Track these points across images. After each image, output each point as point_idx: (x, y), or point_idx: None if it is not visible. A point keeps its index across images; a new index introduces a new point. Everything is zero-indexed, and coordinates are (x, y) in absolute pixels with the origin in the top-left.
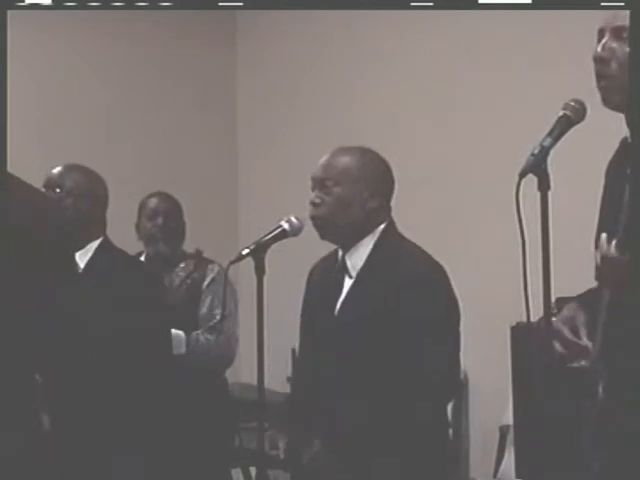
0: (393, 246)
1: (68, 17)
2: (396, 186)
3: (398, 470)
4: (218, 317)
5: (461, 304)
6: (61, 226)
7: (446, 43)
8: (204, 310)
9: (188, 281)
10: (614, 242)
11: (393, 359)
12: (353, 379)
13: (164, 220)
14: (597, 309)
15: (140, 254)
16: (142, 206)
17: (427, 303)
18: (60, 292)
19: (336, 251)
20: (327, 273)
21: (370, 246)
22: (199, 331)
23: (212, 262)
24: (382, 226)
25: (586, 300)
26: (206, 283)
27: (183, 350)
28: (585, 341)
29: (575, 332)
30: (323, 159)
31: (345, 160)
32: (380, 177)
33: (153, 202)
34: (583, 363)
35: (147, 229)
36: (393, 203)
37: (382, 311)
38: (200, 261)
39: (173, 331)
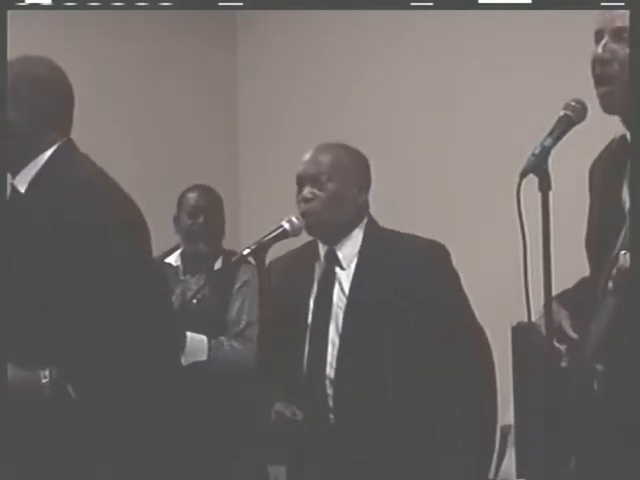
0: (382, 235)
1: (68, 17)
2: (396, 186)
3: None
4: (250, 320)
5: None
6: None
7: (446, 43)
8: (232, 314)
9: (220, 281)
10: (626, 254)
11: (418, 342)
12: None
13: (205, 218)
14: (579, 306)
15: (176, 248)
16: (182, 200)
17: (440, 280)
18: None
19: (307, 246)
20: (303, 268)
21: (360, 237)
22: (224, 337)
23: (247, 264)
24: (366, 219)
25: (564, 298)
26: (237, 286)
27: (204, 357)
28: (570, 334)
29: (558, 328)
30: (310, 156)
31: (334, 156)
32: (365, 172)
33: (194, 198)
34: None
35: (187, 226)
36: (393, 203)
37: (395, 295)
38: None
39: (196, 336)
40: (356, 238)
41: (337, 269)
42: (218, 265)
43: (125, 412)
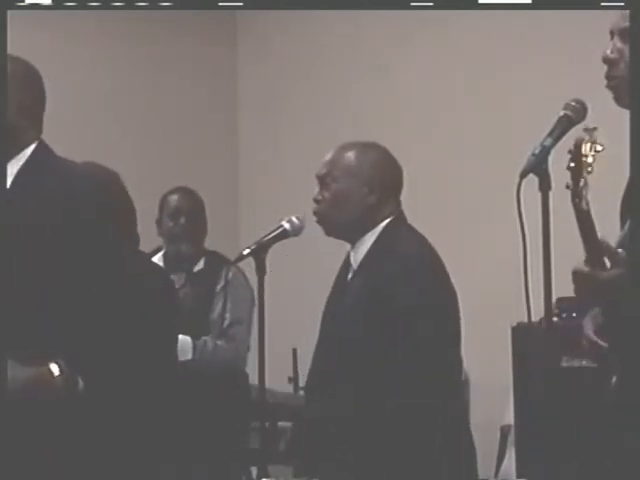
0: (391, 240)
1: (68, 17)
2: None
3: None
4: (232, 319)
5: (462, 304)
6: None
7: (446, 43)
8: (215, 314)
9: (202, 282)
10: (584, 258)
11: (382, 351)
12: (344, 371)
13: (187, 219)
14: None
15: (158, 250)
16: (163, 203)
17: (409, 295)
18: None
19: None
20: (341, 268)
21: (372, 241)
22: (208, 337)
23: (232, 264)
24: (386, 221)
25: None
26: (220, 286)
27: (189, 356)
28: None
29: (598, 331)
30: (326, 156)
31: (344, 156)
32: (380, 172)
33: (175, 200)
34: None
35: (169, 228)
36: None
37: (369, 303)
38: (217, 261)
39: (180, 336)
40: (368, 241)
41: (350, 271)
42: (200, 266)
43: (129, 407)
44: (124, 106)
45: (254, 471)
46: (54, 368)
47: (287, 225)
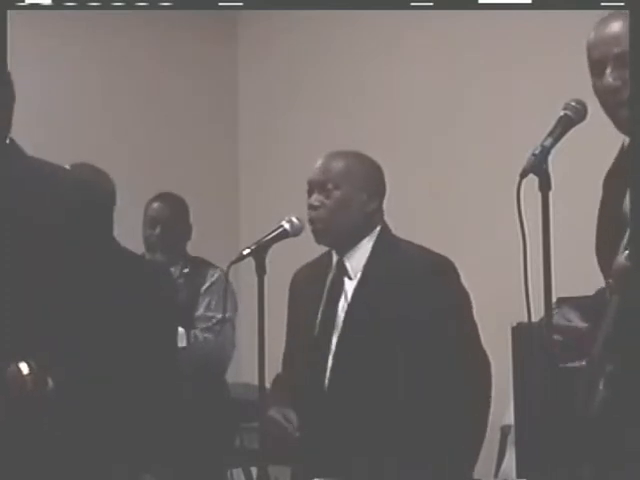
0: (393, 245)
1: (68, 17)
2: (396, 187)
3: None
4: (218, 317)
5: None
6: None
7: (446, 43)
8: (200, 311)
9: (186, 284)
10: (626, 253)
11: (415, 356)
12: (365, 378)
13: (162, 229)
14: (592, 312)
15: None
16: (145, 211)
17: (443, 296)
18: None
19: (324, 256)
20: (318, 278)
21: (369, 247)
22: (197, 329)
23: (214, 267)
24: (378, 227)
25: (577, 302)
26: (205, 287)
27: (184, 343)
28: (579, 325)
29: (567, 326)
30: (320, 162)
31: (344, 163)
32: (376, 180)
33: (153, 209)
34: (581, 363)
35: (146, 237)
36: (393, 203)
37: (394, 309)
38: (202, 265)
39: None
40: (365, 248)
41: (345, 279)
42: (187, 269)
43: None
44: (124, 106)
45: (254, 471)
46: (23, 367)
47: (287, 225)
